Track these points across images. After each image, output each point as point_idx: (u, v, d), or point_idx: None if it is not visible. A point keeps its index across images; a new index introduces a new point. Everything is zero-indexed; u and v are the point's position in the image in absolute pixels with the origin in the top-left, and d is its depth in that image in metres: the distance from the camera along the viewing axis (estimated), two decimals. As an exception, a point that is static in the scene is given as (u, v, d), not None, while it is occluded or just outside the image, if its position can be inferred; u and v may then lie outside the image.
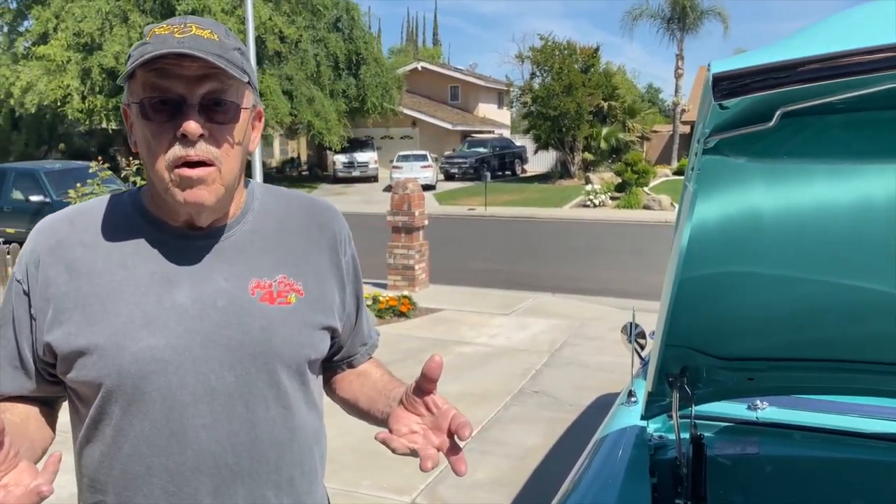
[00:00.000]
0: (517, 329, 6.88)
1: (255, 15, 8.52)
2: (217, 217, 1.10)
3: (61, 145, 29.37)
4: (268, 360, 1.09)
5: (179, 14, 22.13)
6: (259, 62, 20.62)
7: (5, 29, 25.25)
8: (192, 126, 0.98)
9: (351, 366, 1.31)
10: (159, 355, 1.03)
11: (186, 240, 1.09)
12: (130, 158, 6.81)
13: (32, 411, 1.13)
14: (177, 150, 1.00)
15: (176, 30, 1.00)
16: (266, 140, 29.14)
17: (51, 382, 1.11)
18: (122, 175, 7.25)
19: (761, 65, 0.89)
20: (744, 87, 0.90)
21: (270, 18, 22.65)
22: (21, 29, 24.29)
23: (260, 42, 19.98)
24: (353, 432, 4.22)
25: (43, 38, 21.56)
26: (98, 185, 7.47)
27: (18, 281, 1.10)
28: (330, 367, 1.29)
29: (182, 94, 0.99)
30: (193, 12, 21.54)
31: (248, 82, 1.06)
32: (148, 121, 1.00)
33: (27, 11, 23.44)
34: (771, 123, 1.00)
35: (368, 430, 1.21)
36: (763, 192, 1.27)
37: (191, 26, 1.01)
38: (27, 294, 1.08)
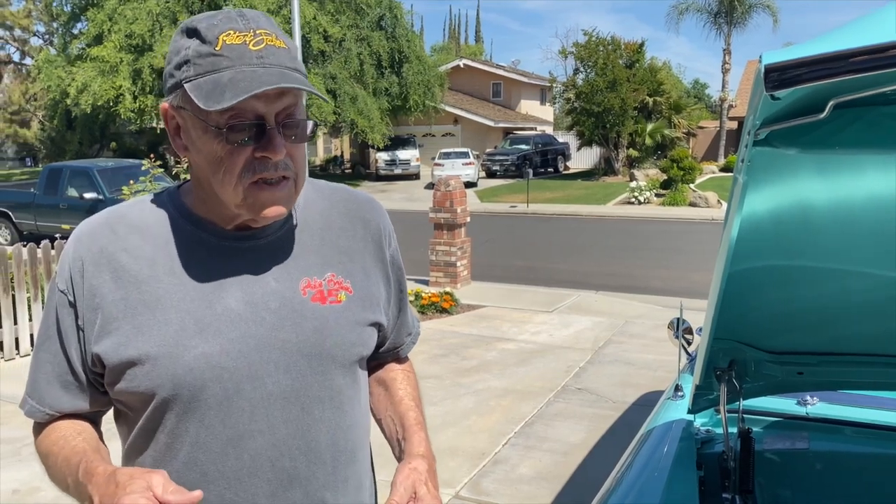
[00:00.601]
0: (560, 326, 6.86)
1: (300, 14, 8.65)
2: None
3: (113, 144, 30.21)
4: (322, 362, 1.07)
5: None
6: (304, 61, 20.89)
7: (60, 31, 26.09)
8: (279, 153, 0.97)
9: (397, 357, 1.31)
10: (214, 362, 1.01)
11: (233, 241, 1.06)
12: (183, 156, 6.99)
13: (88, 429, 1.11)
14: (257, 170, 0.98)
15: (248, 38, 0.96)
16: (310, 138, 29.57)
17: (102, 393, 1.09)
18: (174, 173, 7.37)
19: (813, 55, 0.89)
20: (796, 77, 0.90)
21: (315, 18, 22.94)
22: (75, 31, 25.06)
23: (304, 41, 20.27)
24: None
25: (97, 40, 22.20)
26: (150, 182, 7.66)
27: (62, 291, 1.06)
28: (375, 357, 1.26)
29: (261, 114, 0.96)
30: (240, 13, 21.92)
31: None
32: (227, 143, 0.96)
33: (82, 14, 24.15)
34: (823, 115, 1.00)
35: None
36: (814, 183, 1.27)
37: (261, 34, 0.97)
38: (73, 305, 1.04)
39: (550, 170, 29.44)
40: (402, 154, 28.16)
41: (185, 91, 0.96)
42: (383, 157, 28.17)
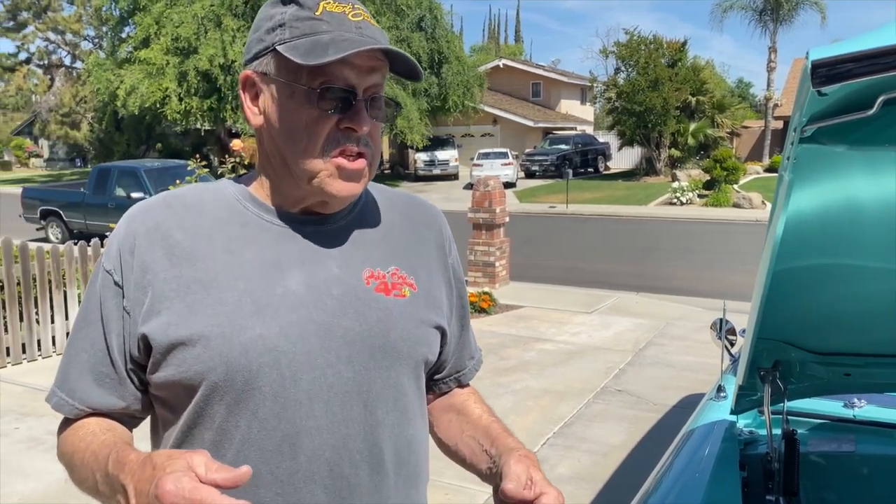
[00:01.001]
0: (600, 327, 6.81)
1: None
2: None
3: (158, 145, 30.92)
4: (386, 355, 0.99)
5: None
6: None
7: (109, 35, 26.81)
8: (365, 126, 0.95)
9: (459, 383, 1.20)
10: (272, 345, 0.92)
11: (296, 224, 1.01)
12: (227, 156, 7.07)
13: (120, 427, 1.01)
14: (342, 141, 0.94)
15: (347, 10, 0.95)
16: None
17: (141, 391, 1.00)
18: (219, 173, 7.52)
19: (862, 50, 0.88)
20: (844, 73, 0.89)
21: (356, 19, 23.10)
22: (123, 35, 25.71)
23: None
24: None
25: (144, 43, 22.75)
26: (195, 181, 7.82)
27: (108, 272, 0.98)
28: (436, 385, 1.18)
29: (353, 85, 0.94)
30: (283, 15, 22.25)
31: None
32: (313, 108, 0.93)
33: (129, 18, 24.77)
34: (871, 111, 0.99)
35: None
36: (862, 181, 1.25)
37: (359, 9, 0.97)
38: (119, 285, 0.97)
39: (590, 170, 29.21)
40: (441, 154, 28.23)
41: (277, 54, 0.94)
42: (422, 157, 28.27)
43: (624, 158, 29.63)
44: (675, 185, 20.03)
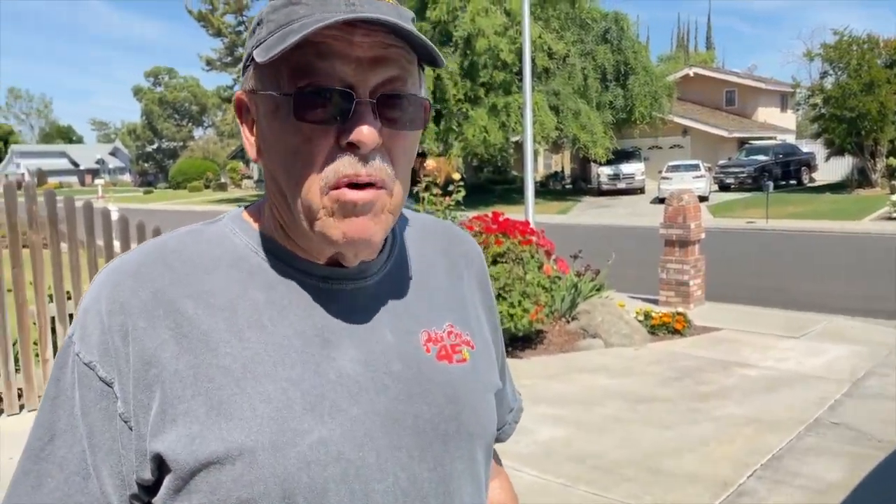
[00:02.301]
0: (809, 354, 6.28)
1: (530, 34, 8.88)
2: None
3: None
4: (461, 443, 0.79)
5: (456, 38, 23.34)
6: (529, 79, 21.36)
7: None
8: (367, 133, 0.68)
9: (498, 440, 0.96)
10: (336, 452, 0.70)
11: (335, 281, 0.78)
12: (422, 175, 7.24)
13: None
14: (341, 167, 0.69)
15: None
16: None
17: None
18: (414, 192, 7.08)
19: None
20: None
21: (540, 36, 23.32)
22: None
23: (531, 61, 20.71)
24: (632, 446, 4.22)
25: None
26: None
27: (88, 365, 0.71)
28: None
29: (350, 84, 0.68)
30: (469, 37, 23.00)
31: (423, 69, 0.77)
32: (299, 120, 0.69)
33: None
34: None
35: (648, 445, 1.15)
36: None
37: None
38: (108, 383, 0.70)
39: (793, 182, 27.05)
40: (626, 168, 27.54)
41: (257, 64, 0.70)
42: (606, 171, 27.76)
43: (832, 169, 27.10)
44: (894, 197, 18.00)
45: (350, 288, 0.78)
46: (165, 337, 0.70)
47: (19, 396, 4.70)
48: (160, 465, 0.69)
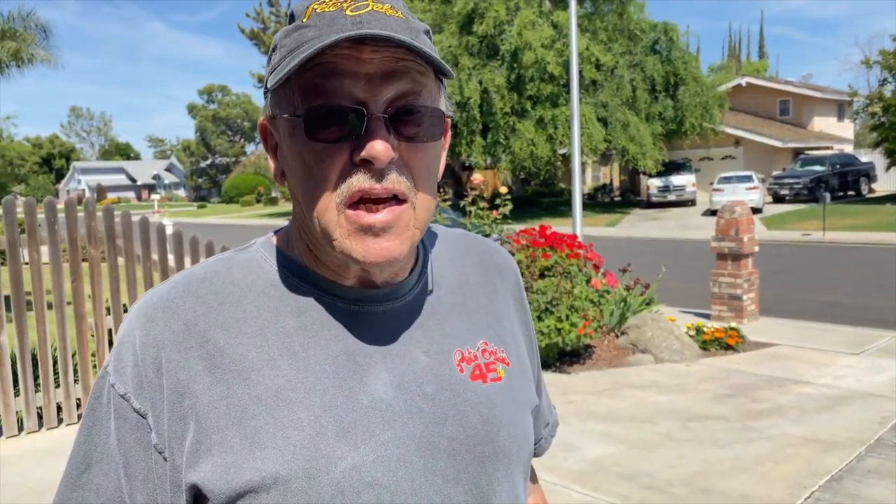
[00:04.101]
0: (870, 371, 6.05)
1: (577, 47, 8.84)
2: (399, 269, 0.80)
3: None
4: (498, 464, 0.78)
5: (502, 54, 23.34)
6: (577, 92, 21.27)
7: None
8: (380, 147, 0.68)
9: (534, 455, 0.95)
10: (370, 478, 0.70)
11: (365, 304, 0.78)
12: (469, 189, 7.24)
13: None
14: (355, 182, 0.69)
15: (346, 5, 0.70)
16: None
17: None
18: (461, 206, 7.08)
19: None
20: None
21: (588, 48, 23.20)
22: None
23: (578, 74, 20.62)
24: (684, 465, 4.12)
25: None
26: (441, 219, 7.94)
27: (123, 397, 0.73)
28: None
29: (362, 100, 0.69)
30: (516, 50, 23.02)
31: (442, 81, 0.77)
32: (311, 140, 0.70)
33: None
34: None
35: (700, 464, 1.12)
36: None
37: (368, 1, 0.70)
38: (143, 415, 0.72)
39: (851, 193, 26.23)
40: (677, 180, 27.10)
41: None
42: (655, 183, 27.36)
43: (893, 179, 26.23)
44: (962, 208, 17.29)
45: (381, 310, 0.78)
46: (198, 368, 0.72)
47: (77, 406, 4.85)
48: (196, 496, 0.71)
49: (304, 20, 0.70)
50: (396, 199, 0.70)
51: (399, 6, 0.72)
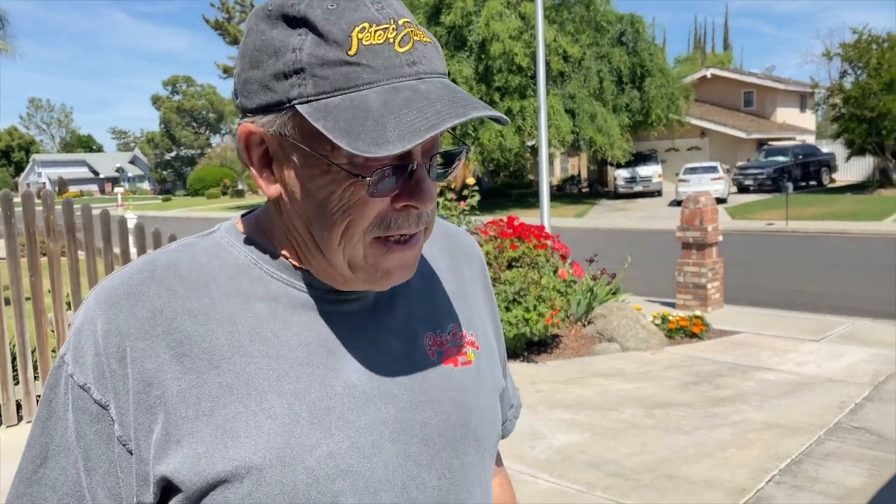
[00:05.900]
0: (830, 357, 6.19)
1: (544, 38, 8.86)
2: None
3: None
4: (469, 448, 0.79)
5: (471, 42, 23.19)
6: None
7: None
8: (428, 197, 0.69)
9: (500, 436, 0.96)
10: (345, 465, 0.70)
11: (336, 292, 0.76)
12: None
13: None
14: (400, 226, 0.69)
15: (391, 35, 0.65)
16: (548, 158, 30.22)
17: None
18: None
19: None
20: None
21: (555, 39, 23.27)
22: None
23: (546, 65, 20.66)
24: (648, 452, 4.18)
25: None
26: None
27: (83, 387, 0.69)
28: None
29: (411, 153, 0.68)
30: (483, 41, 23.00)
31: None
32: (372, 197, 0.68)
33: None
34: None
35: (664, 451, 1.15)
36: None
37: (403, 24, 0.66)
38: (104, 406, 0.69)
39: (813, 183, 26.77)
40: (643, 170, 27.40)
41: (298, 115, 0.65)
42: (622, 174, 27.63)
43: (852, 170, 26.82)
44: (918, 197, 17.74)
45: (354, 297, 0.77)
46: (166, 357, 0.69)
47: (38, 402, 4.74)
48: (166, 488, 0.69)
49: (351, 52, 0.63)
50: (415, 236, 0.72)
51: (416, 23, 0.69)
